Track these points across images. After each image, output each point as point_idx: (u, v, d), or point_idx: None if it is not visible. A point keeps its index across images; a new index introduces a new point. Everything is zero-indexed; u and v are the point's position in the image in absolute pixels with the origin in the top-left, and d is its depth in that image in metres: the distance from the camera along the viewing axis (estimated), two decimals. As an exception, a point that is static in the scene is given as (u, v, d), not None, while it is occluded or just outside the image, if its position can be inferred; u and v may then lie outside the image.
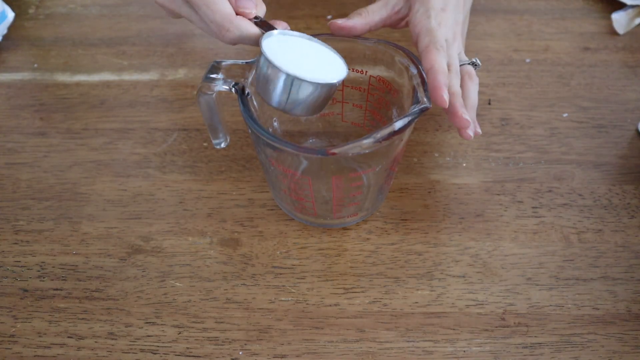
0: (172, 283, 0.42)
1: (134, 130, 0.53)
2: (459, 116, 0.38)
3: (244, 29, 0.36)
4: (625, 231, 0.45)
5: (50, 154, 0.51)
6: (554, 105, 0.54)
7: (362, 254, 0.44)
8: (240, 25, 0.36)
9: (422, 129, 0.52)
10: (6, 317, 0.41)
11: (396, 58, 0.39)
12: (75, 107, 0.55)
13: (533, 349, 0.39)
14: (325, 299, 0.41)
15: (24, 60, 0.60)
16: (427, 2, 0.40)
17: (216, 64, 0.38)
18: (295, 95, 0.35)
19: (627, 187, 0.47)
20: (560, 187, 0.48)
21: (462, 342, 0.39)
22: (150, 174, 0.49)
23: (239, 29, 0.36)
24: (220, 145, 0.44)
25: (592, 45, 0.60)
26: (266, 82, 0.36)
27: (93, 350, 0.39)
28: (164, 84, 0.57)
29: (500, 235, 0.45)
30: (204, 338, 0.39)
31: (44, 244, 0.45)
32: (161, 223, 0.46)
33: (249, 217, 0.46)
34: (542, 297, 0.41)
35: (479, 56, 0.59)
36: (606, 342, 0.39)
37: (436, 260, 0.43)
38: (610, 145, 0.51)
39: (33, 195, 0.48)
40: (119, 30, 0.63)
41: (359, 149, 0.34)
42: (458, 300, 0.41)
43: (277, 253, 0.44)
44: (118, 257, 0.44)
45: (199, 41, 0.62)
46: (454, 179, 0.48)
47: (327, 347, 0.39)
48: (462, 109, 0.38)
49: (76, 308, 0.41)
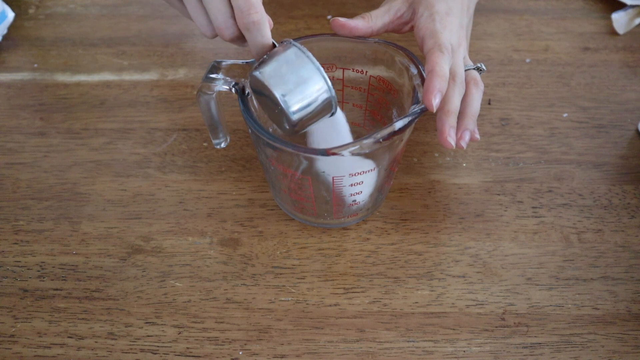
0: (172, 283, 0.42)
1: (134, 130, 0.53)
2: (444, 136, 0.37)
3: (264, 21, 0.35)
4: (625, 231, 0.45)
5: (50, 154, 0.51)
6: (554, 105, 0.54)
7: (362, 254, 0.44)
8: (264, 18, 0.35)
9: (422, 129, 0.52)
10: (6, 317, 0.41)
11: (396, 58, 0.39)
12: (75, 107, 0.55)
13: (533, 349, 0.39)
14: (325, 299, 0.41)
15: (24, 60, 0.60)
16: (431, 6, 0.40)
17: (216, 64, 0.38)
18: (315, 107, 0.36)
19: (627, 187, 0.47)
20: (560, 187, 0.48)
21: (462, 342, 0.39)
22: (150, 174, 0.49)
23: (263, 18, 0.35)
24: (220, 145, 0.44)
25: (592, 45, 0.60)
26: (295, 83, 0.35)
27: (93, 350, 0.39)
28: (164, 84, 0.57)
29: (500, 235, 0.45)
30: (204, 338, 0.39)
31: (44, 244, 0.45)
32: (161, 223, 0.46)
33: (249, 217, 0.46)
34: (542, 297, 0.41)
35: (478, 56, 0.59)
36: (606, 342, 0.39)
37: (436, 260, 0.43)
38: (610, 145, 0.51)
39: (33, 195, 0.48)
40: (119, 30, 0.63)
41: (359, 149, 0.34)
42: (458, 300, 0.41)
43: (277, 253, 0.44)
44: (118, 257, 0.44)
45: (199, 41, 0.62)
46: (454, 179, 0.48)
47: (327, 347, 0.39)
48: (450, 130, 0.37)
49: (76, 308, 0.41)
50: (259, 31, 0.35)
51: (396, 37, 0.62)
